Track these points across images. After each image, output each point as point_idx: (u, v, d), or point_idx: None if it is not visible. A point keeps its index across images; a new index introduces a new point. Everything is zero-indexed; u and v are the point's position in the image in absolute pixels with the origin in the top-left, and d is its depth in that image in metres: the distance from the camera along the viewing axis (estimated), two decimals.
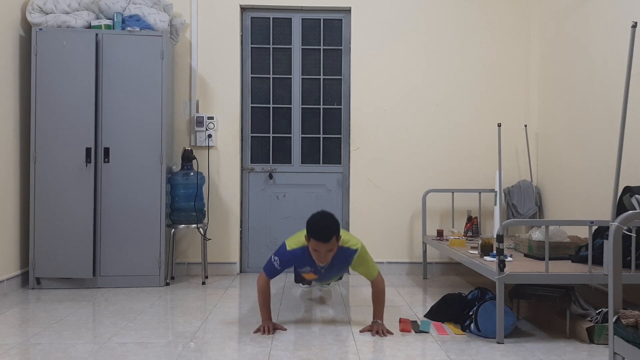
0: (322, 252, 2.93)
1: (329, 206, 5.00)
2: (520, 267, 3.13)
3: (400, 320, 3.31)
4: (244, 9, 5.00)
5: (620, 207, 3.11)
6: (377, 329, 3.08)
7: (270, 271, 3.13)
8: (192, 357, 2.69)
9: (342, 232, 3.13)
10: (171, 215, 4.49)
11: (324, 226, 2.91)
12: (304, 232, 3.07)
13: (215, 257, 4.87)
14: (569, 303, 3.03)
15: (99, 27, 4.31)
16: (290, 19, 5.03)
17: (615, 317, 2.15)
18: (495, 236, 3.22)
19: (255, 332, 3.10)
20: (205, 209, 4.72)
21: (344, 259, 3.12)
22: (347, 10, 5.01)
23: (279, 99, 5.04)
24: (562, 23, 4.44)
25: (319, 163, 5.04)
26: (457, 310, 3.28)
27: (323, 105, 5.05)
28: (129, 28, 4.32)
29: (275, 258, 3.11)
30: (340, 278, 4.20)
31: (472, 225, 4.60)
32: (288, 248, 3.09)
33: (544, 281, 2.95)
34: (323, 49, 5.05)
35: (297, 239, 3.11)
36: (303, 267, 3.17)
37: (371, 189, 4.95)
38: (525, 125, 4.96)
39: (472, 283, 4.56)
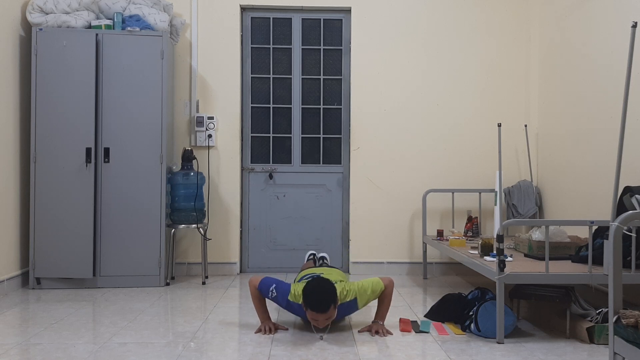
0: (321, 320, 2.89)
1: (329, 206, 5.00)
2: (520, 267, 3.13)
3: (400, 320, 3.31)
4: (244, 9, 5.00)
5: (620, 207, 3.11)
6: (376, 328, 3.07)
7: (264, 292, 3.07)
8: (192, 357, 2.69)
9: (337, 285, 2.99)
10: (171, 215, 4.49)
11: (321, 297, 2.83)
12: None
13: (215, 257, 4.87)
14: (569, 303, 3.03)
15: (99, 27, 4.31)
16: (291, 19, 5.03)
17: (615, 317, 2.15)
18: (495, 236, 3.22)
19: (256, 332, 3.09)
20: (205, 209, 4.71)
21: (347, 310, 3.09)
22: (347, 10, 5.01)
23: (279, 99, 5.04)
24: (562, 23, 4.44)
25: (319, 163, 5.04)
26: (457, 310, 3.28)
27: (323, 105, 5.05)
28: (129, 28, 4.32)
29: (274, 292, 3.04)
30: None
31: (472, 225, 4.60)
32: (289, 297, 3.02)
33: (544, 281, 2.95)
34: (323, 49, 5.05)
35: (300, 291, 2.98)
36: (299, 315, 3.15)
37: (371, 189, 4.95)
38: (525, 125, 4.96)
39: (472, 283, 4.56)
